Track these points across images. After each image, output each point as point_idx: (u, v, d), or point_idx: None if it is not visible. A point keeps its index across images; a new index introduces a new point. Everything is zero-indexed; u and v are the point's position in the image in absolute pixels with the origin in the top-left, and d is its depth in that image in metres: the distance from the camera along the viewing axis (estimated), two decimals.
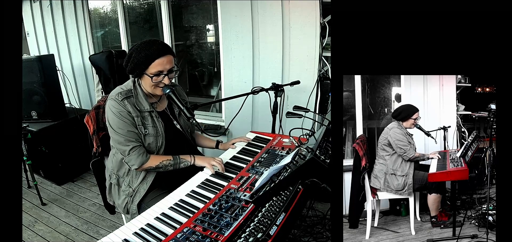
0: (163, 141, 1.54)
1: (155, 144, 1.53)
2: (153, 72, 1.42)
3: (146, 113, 1.50)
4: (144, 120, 1.50)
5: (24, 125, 2.78)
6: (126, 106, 1.45)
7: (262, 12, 2.55)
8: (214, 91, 3.82)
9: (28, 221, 2.47)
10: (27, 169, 2.77)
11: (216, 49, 3.33)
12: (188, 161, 1.54)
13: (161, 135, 1.53)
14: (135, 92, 1.50)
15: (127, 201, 1.55)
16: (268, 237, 1.02)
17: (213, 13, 3.20)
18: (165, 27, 3.27)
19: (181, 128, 1.62)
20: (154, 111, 1.53)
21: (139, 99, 1.50)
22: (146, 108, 1.50)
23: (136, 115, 1.47)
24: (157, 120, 1.53)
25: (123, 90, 1.49)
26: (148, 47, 1.41)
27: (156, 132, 1.52)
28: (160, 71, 1.42)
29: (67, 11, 3.73)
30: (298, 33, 2.47)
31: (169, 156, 1.53)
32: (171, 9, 3.27)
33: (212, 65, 3.65)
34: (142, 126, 1.49)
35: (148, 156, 1.50)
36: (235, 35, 2.71)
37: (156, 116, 1.53)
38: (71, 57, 3.90)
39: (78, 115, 3.14)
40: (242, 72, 2.78)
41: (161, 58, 1.41)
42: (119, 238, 1.08)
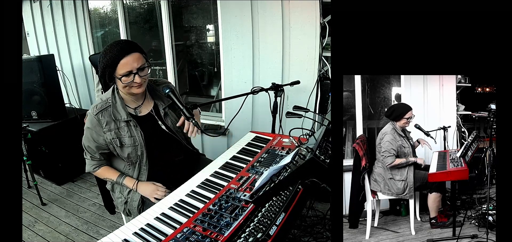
0: (142, 150, 1.49)
1: (134, 153, 1.49)
2: (121, 73, 1.37)
3: (123, 123, 1.46)
4: (121, 130, 1.46)
5: (24, 125, 2.78)
6: (100, 120, 1.44)
7: (262, 12, 2.55)
8: (214, 91, 3.82)
9: (28, 221, 2.47)
10: (27, 169, 2.77)
11: (216, 49, 3.33)
12: (129, 187, 1.52)
13: (140, 144, 1.48)
14: (113, 100, 1.47)
15: (123, 207, 1.57)
16: (268, 237, 1.02)
17: (213, 13, 3.20)
18: (165, 27, 3.27)
19: (169, 129, 1.57)
20: (132, 120, 1.47)
21: (117, 108, 1.46)
22: (123, 117, 1.46)
23: (110, 129, 1.44)
24: (136, 129, 1.48)
25: (100, 101, 1.48)
26: (112, 48, 1.37)
27: (133, 141, 1.47)
28: (129, 71, 1.37)
29: (67, 11, 3.72)
30: (298, 33, 2.47)
31: (116, 174, 1.54)
32: (171, 9, 3.27)
33: (212, 65, 3.65)
34: (118, 139, 1.46)
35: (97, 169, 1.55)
36: (235, 35, 2.71)
37: (135, 124, 1.48)
38: (71, 57, 3.89)
39: (78, 115, 3.14)
40: (242, 72, 2.78)
41: (126, 57, 1.36)
42: (119, 238, 1.08)
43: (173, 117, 1.58)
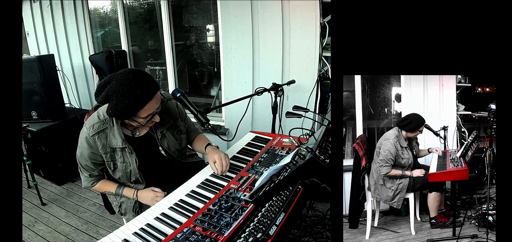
0: (136, 176, 1.46)
1: (126, 178, 1.48)
2: (143, 116, 1.28)
3: (118, 149, 1.41)
4: (115, 154, 1.42)
5: (24, 125, 2.78)
6: (96, 142, 1.37)
7: (262, 12, 2.55)
8: (214, 91, 3.82)
9: (28, 221, 2.47)
10: (27, 169, 2.77)
11: (216, 49, 3.33)
12: (129, 197, 1.49)
13: (133, 171, 1.45)
14: (111, 123, 1.38)
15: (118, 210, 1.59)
16: (268, 237, 1.02)
17: (213, 13, 3.20)
18: (165, 27, 3.28)
19: (166, 152, 1.52)
20: (128, 147, 1.40)
21: (113, 133, 1.38)
22: (118, 144, 1.39)
23: (106, 152, 1.39)
24: (130, 156, 1.42)
25: (98, 120, 1.38)
26: (131, 91, 1.21)
27: (125, 167, 1.44)
28: (150, 113, 1.29)
29: (67, 11, 3.73)
30: (298, 33, 2.47)
31: (114, 186, 1.50)
32: (171, 9, 3.28)
33: (212, 65, 3.65)
34: (112, 163, 1.43)
35: (94, 184, 1.51)
36: (235, 35, 2.71)
37: (130, 151, 1.41)
38: (71, 57, 3.90)
39: (78, 115, 3.14)
40: (242, 72, 2.78)
41: (150, 102, 1.25)
42: (119, 238, 1.08)
43: (170, 139, 1.53)
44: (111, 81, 1.24)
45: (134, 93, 1.21)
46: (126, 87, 1.21)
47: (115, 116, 1.32)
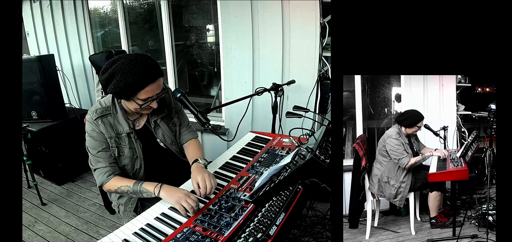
0: (141, 162, 1.45)
1: (131, 166, 1.45)
2: (143, 98, 1.28)
3: (124, 134, 1.40)
4: (121, 141, 1.40)
5: (24, 125, 2.78)
6: (99, 126, 1.36)
7: (262, 12, 2.55)
8: (214, 91, 3.82)
9: (28, 221, 2.47)
10: (27, 169, 2.77)
11: (216, 49, 3.33)
12: (150, 192, 1.30)
13: (138, 157, 1.44)
14: (113, 110, 1.39)
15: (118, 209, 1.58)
16: (268, 237, 1.02)
17: (213, 13, 3.20)
18: (165, 27, 3.28)
19: (164, 144, 1.53)
20: (133, 132, 1.42)
21: (118, 120, 1.39)
22: (125, 130, 1.40)
23: (110, 136, 1.38)
24: (136, 142, 1.42)
25: (101, 106, 1.39)
26: (137, 70, 1.23)
27: (132, 154, 1.43)
28: (150, 97, 1.30)
29: (67, 11, 3.73)
30: (298, 33, 2.47)
31: (131, 181, 1.36)
32: (171, 9, 3.28)
33: (212, 65, 3.65)
34: (117, 149, 1.40)
35: (110, 177, 1.39)
36: (235, 35, 2.72)
37: (135, 137, 1.42)
38: (71, 57, 3.90)
39: (78, 115, 3.15)
40: (242, 72, 2.78)
41: (152, 84, 1.27)
42: (119, 238, 1.08)
43: (164, 129, 1.53)
44: (118, 59, 1.27)
45: (139, 72, 1.24)
46: (132, 66, 1.24)
47: (116, 94, 1.31)
